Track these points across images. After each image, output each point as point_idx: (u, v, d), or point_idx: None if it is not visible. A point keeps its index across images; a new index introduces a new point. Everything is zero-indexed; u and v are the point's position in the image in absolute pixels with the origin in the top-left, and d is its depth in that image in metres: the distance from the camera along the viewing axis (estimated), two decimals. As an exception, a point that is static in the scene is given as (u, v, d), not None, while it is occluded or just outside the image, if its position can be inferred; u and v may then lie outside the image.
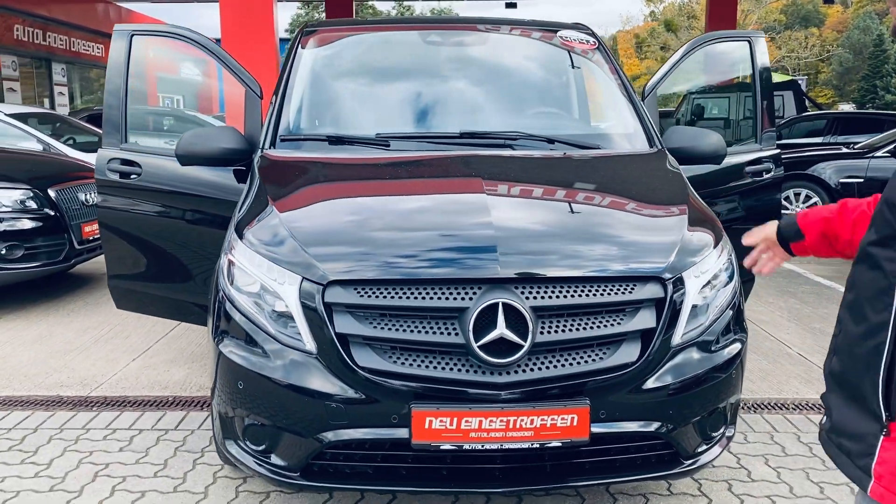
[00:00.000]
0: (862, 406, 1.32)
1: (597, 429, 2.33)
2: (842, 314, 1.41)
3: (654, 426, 2.41)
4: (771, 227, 1.96)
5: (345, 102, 3.70)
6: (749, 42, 4.16)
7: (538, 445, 2.29)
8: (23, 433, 3.46)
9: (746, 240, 2.06)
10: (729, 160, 4.09)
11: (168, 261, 3.98)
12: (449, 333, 2.29)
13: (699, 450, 2.53)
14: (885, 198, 1.33)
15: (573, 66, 3.89)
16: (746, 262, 2.06)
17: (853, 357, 1.35)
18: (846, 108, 47.02)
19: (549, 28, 3.93)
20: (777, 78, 30.41)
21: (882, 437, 1.28)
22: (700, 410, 2.49)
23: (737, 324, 2.63)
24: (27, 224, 5.43)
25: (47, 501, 2.86)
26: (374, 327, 2.32)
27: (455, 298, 2.30)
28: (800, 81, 42.78)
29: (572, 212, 2.77)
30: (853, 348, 1.35)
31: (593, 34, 3.91)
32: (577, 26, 3.98)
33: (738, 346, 2.58)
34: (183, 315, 4.13)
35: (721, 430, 2.61)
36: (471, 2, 24.40)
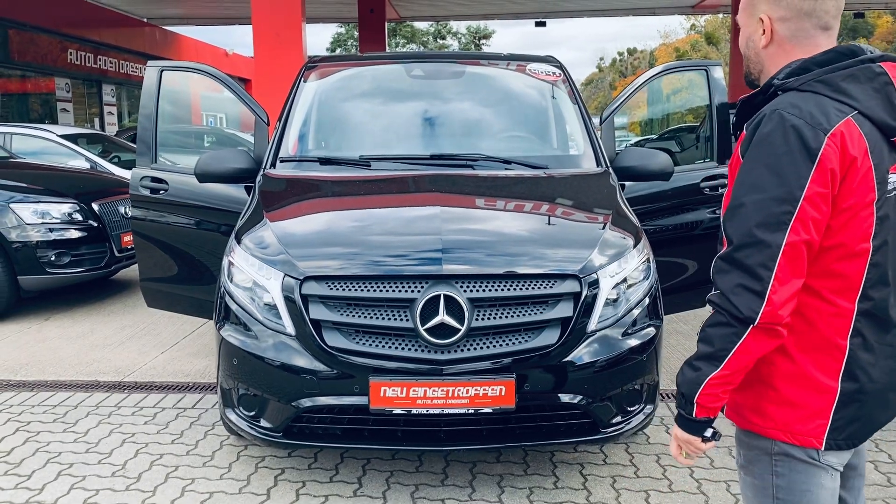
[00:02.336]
0: None
1: (522, 398, 2.83)
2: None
3: (572, 398, 2.90)
4: None
5: (336, 128, 4.29)
6: (706, 71, 4.62)
7: (473, 411, 2.81)
8: (65, 409, 4.09)
9: None
10: (696, 176, 4.59)
11: (192, 265, 4.59)
12: (401, 319, 2.82)
13: (615, 421, 3.01)
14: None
15: (538, 96, 4.42)
16: None
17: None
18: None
19: (521, 61, 4.47)
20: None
21: None
22: (615, 387, 2.97)
23: (652, 314, 3.11)
24: (74, 234, 6.11)
25: (83, 460, 3.46)
26: (342, 314, 2.86)
27: (406, 291, 2.83)
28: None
29: (510, 221, 3.31)
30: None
31: (560, 66, 4.43)
32: (546, 59, 4.50)
33: (651, 331, 3.06)
34: (206, 313, 4.71)
35: (637, 406, 3.08)
36: (503, 20, 25.10)
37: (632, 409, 3.07)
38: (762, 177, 1.49)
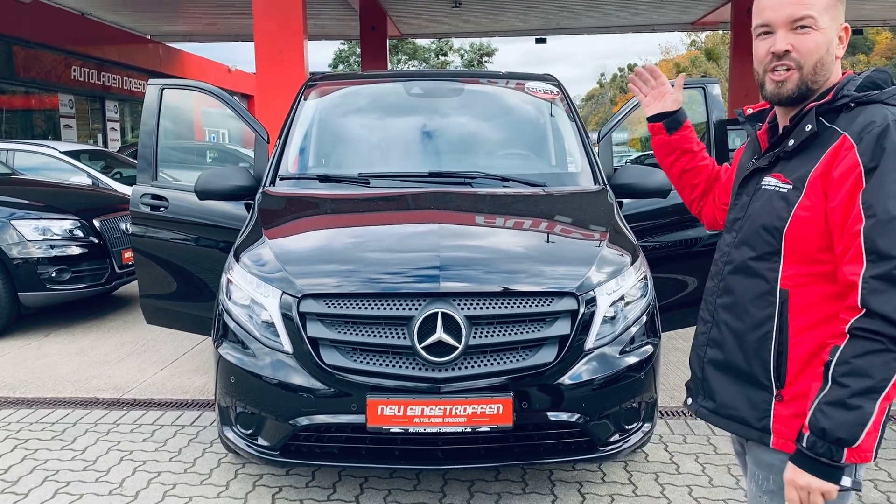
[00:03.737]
0: (750, 382, 1.66)
1: (519, 417, 2.83)
2: (722, 316, 1.73)
3: (570, 417, 2.89)
4: (677, 95, 2.11)
5: (335, 146, 4.31)
6: (703, 88, 4.65)
7: (471, 430, 2.80)
8: (64, 426, 4.08)
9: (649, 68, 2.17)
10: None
11: (191, 281, 4.59)
12: (399, 337, 2.82)
13: (613, 439, 3.01)
14: (762, 224, 1.65)
15: (536, 114, 4.44)
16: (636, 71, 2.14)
17: (742, 346, 1.68)
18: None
19: (519, 79, 4.50)
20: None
21: (774, 402, 1.64)
22: (612, 405, 2.97)
23: (650, 332, 3.11)
24: (75, 250, 6.13)
25: (81, 478, 3.46)
26: (339, 332, 2.86)
27: (404, 309, 2.83)
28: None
29: (507, 239, 3.32)
30: (740, 339, 1.68)
31: (558, 85, 4.46)
32: (544, 77, 4.53)
33: (649, 349, 3.05)
34: (205, 329, 4.71)
35: (635, 424, 3.07)
36: (503, 37, 25.27)
37: (630, 427, 3.06)
38: None
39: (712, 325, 1.78)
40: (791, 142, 1.62)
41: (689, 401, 1.87)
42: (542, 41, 21.74)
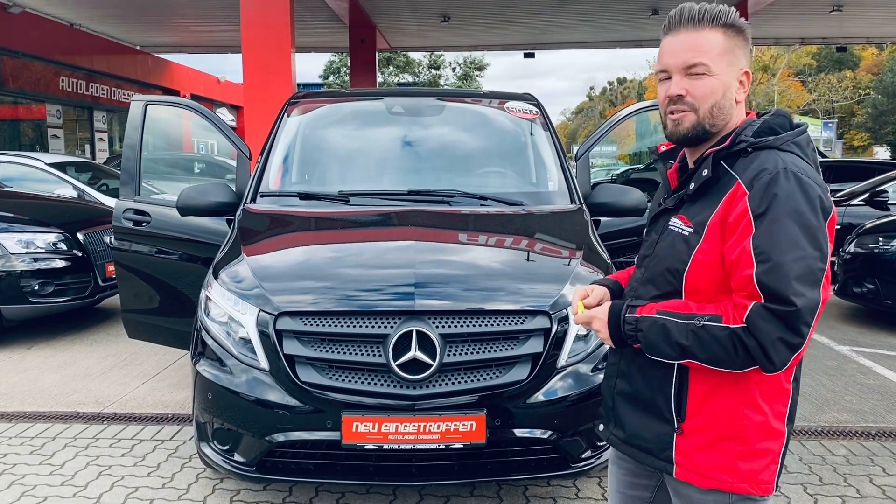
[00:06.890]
0: (655, 414, 1.75)
1: (492, 434, 2.87)
2: (629, 349, 1.76)
3: (542, 433, 2.94)
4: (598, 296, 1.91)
5: (316, 164, 4.36)
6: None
7: (444, 446, 2.84)
8: (43, 441, 4.09)
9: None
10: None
11: (173, 296, 4.62)
12: (374, 355, 2.86)
13: (585, 455, 3.05)
14: (665, 265, 1.72)
15: (515, 133, 4.51)
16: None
17: (647, 380, 1.75)
18: (880, 151, 46.88)
19: (499, 98, 4.57)
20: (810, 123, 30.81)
21: (676, 435, 1.72)
22: (584, 422, 3.01)
23: None
24: (58, 263, 6.14)
25: (58, 493, 3.47)
26: (315, 350, 2.90)
27: (379, 327, 2.87)
28: (829, 125, 43.12)
29: (482, 257, 3.37)
30: (645, 373, 1.75)
31: (537, 104, 4.53)
32: (523, 96, 4.60)
33: None
34: (186, 344, 4.72)
35: (608, 441, 3.12)
36: (492, 51, 25.48)
37: (602, 443, 3.10)
38: (796, 235, 1.50)
39: (621, 357, 1.84)
40: (692, 185, 1.69)
41: (602, 427, 1.94)
42: (531, 55, 21.91)
